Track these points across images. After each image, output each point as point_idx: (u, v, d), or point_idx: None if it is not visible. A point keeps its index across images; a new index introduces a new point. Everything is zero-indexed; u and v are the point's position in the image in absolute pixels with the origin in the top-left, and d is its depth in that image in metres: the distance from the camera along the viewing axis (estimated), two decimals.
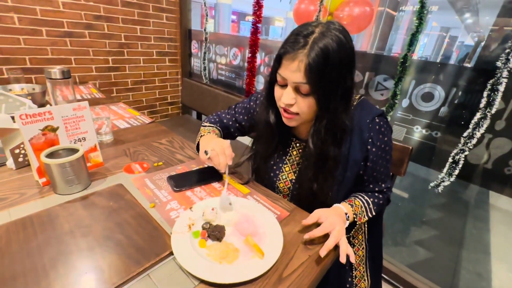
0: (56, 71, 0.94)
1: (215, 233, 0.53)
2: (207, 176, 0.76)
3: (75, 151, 0.63)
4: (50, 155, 0.62)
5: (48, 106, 0.66)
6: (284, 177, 0.76)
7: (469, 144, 1.02)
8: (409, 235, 1.72)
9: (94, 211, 0.58)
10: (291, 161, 0.75)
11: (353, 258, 0.52)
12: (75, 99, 1.04)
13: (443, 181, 1.10)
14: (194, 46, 2.35)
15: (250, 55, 1.78)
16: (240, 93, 1.88)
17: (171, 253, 0.49)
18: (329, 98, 0.57)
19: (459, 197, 2.23)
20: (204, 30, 2.15)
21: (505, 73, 0.90)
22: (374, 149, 0.65)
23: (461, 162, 1.06)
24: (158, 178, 0.73)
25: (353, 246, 0.74)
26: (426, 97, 1.16)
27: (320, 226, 0.56)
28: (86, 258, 0.47)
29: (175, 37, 2.23)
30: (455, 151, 1.07)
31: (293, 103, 0.59)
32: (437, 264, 1.51)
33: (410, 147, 0.89)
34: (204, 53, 2.23)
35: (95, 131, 0.75)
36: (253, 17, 1.69)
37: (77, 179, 0.63)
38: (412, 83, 1.19)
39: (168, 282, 0.44)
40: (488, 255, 1.61)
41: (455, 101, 1.10)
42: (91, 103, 1.33)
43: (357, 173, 0.68)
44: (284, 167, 0.76)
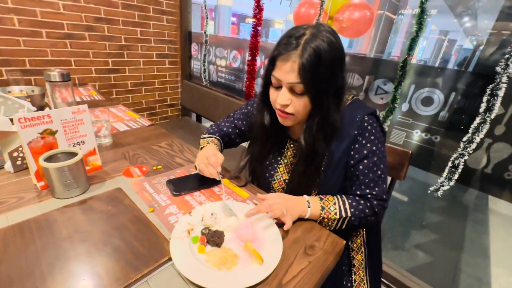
0: (55, 74, 0.93)
1: (214, 238, 0.53)
2: (206, 180, 0.75)
3: (73, 154, 0.63)
4: (49, 159, 0.61)
5: (47, 109, 0.66)
6: (278, 177, 0.77)
7: (468, 149, 1.02)
8: (408, 239, 1.72)
9: (93, 215, 0.58)
10: (285, 161, 0.76)
11: (287, 227, 0.57)
12: (74, 101, 1.03)
13: (443, 185, 1.10)
14: (194, 48, 2.35)
15: (250, 57, 1.78)
16: (240, 96, 1.88)
17: (169, 259, 0.49)
18: (322, 97, 0.58)
19: (459, 201, 2.23)
20: (204, 33, 2.16)
21: (504, 78, 0.90)
22: (358, 146, 0.64)
23: (461, 166, 1.06)
24: (157, 182, 0.73)
25: (351, 251, 0.74)
26: (426, 101, 1.16)
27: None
28: (84, 263, 0.46)
29: (175, 39, 2.24)
30: (454, 155, 1.07)
31: (288, 104, 0.60)
32: (437, 268, 1.50)
33: (410, 151, 0.89)
34: (204, 55, 2.23)
35: (94, 134, 0.74)
36: (253, 19, 1.69)
37: (75, 183, 0.62)
38: (411, 87, 1.20)
39: None
40: (487, 259, 1.61)
41: (454, 105, 1.10)
42: (90, 105, 1.33)
43: (342, 170, 0.67)
44: (279, 168, 0.77)
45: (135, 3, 1.90)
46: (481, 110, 0.97)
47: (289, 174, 0.75)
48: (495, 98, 0.92)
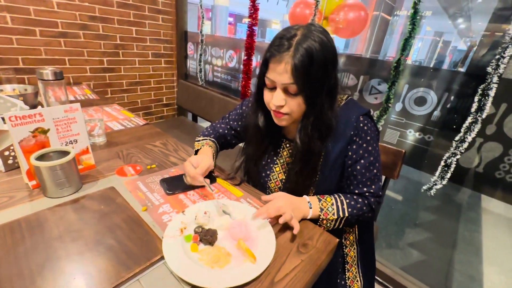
0: (48, 72, 0.93)
1: (207, 237, 0.53)
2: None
3: (66, 153, 0.62)
4: (40, 158, 0.61)
5: (39, 107, 0.65)
6: (274, 177, 0.77)
7: (460, 148, 1.04)
8: (402, 237, 1.74)
9: (85, 214, 0.57)
10: (281, 161, 0.76)
11: (296, 230, 0.57)
12: (67, 100, 1.02)
13: (436, 184, 1.11)
14: (190, 48, 2.34)
15: (246, 57, 1.78)
16: (236, 95, 1.88)
17: (162, 258, 0.48)
18: (316, 96, 0.59)
19: (452, 200, 2.26)
20: (200, 32, 2.15)
21: (495, 78, 0.91)
22: (355, 147, 0.65)
23: (453, 165, 1.07)
24: (151, 181, 0.72)
25: (345, 247, 0.74)
26: (419, 101, 1.18)
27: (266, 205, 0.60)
28: (75, 263, 0.46)
29: (171, 39, 2.23)
30: (447, 154, 1.08)
31: (283, 104, 0.61)
32: (430, 266, 1.52)
33: (403, 151, 0.90)
34: (200, 55, 2.23)
35: (87, 133, 0.74)
36: (249, 19, 1.69)
37: (67, 182, 0.62)
38: (405, 87, 1.21)
39: None
40: (480, 257, 1.63)
41: (447, 105, 1.11)
42: (84, 104, 1.32)
43: (339, 170, 0.68)
44: (275, 167, 0.77)
45: (130, 2, 1.89)
46: (472, 110, 0.98)
47: (285, 174, 0.75)
48: (486, 98, 0.94)
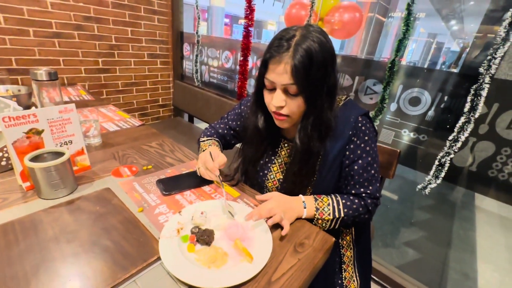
0: (42, 72, 0.92)
1: (204, 237, 0.53)
2: (197, 179, 0.75)
3: (60, 154, 0.62)
4: (35, 159, 0.60)
5: (33, 108, 0.64)
6: (272, 176, 0.77)
7: (454, 147, 1.05)
8: (398, 236, 1.75)
9: (80, 216, 0.57)
10: (279, 161, 0.76)
11: (285, 232, 0.57)
12: (62, 101, 1.01)
13: (430, 183, 1.13)
14: (186, 49, 2.34)
15: (242, 58, 1.78)
16: (232, 96, 1.88)
17: (158, 258, 0.48)
18: (316, 96, 0.59)
19: (446, 199, 2.29)
20: (196, 33, 2.15)
21: (487, 79, 0.93)
22: (353, 146, 0.65)
23: (447, 164, 1.09)
24: (147, 182, 0.72)
25: (341, 248, 0.75)
26: (413, 101, 1.19)
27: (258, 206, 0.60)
28: (71, 264, 0.45)
29: (167, 40, 2.22)
30: (441, 154, 1.10)
31: (283, 105, 0.61)
32: (426, 264, 1.53)
33: (398, 150, 0.91)
34: (196, 55, 2.22)
35: (82, 134, 0.73)
36: (245, 20, 1.70)
37: (62, 183, 0.61)
38: (400, 87, 1.22)
39: None
40: (474, 255, 1.65)
41: (441, 105, 1.13)
42: (79, 105, 1.31)
43: (337, 170, 0.68)
44: (273, 167, 0.77)
45: (125, 2, 1.88)
46: (465, 109, 1.00)
47: (283, 174, 0.75)
48: (479, 98, 0.95)
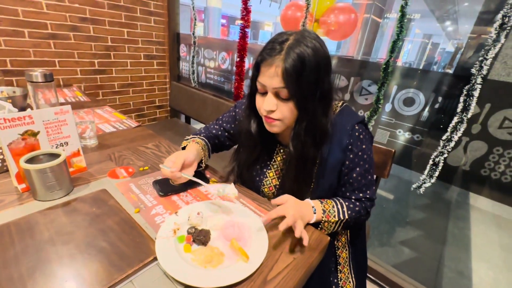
0: (37, 74, 0.91)
1: (200, 237, 0.53)
2: (193, 180, 0.75)
3: (56, 156, 0.62)
4: (30, 160, 0.60)
5: (28, 110, 0.64)
6: (268, 182, 0.76)
7: (448, 147, 1.07)
8: (394, 235, 1.77)
9: (76, 217, 0.57)
10: (275, 166, 0.76)
11: (306, 241, 0.53)
12: (57, 102, 1.01)
13: (425, 182, 1.14)
14: (183, 50, 2.34)
15: (238, 59, 1.79)
16: (229, 97, 1.88)
17: (155, 259, 0.49)
18: (308, 101, 0.58)
19: (441, 198, 2.31)
20: (193, 34, 2.15)
21: (479, 79, 0.95)
22: (351, 156, 0.65)
23: (441, 164, 1.10)
24: (143, 183, 0.72)
25: (337, 249, 0.75)
26: (408, 102, 1.21)
27: (277, 208, 0.57)
28: (67, 266, 0.45)
29: (163, 41, 2.22)
30: (435, 153, 1.11)
31: (274, 109, 0.60)
32: (421, 263, 1.55)
33: (393, 150, 0.92)
34: (193, 56, 2.23)
35: (78, 135, 0.73)
36: (241, 21, 1.71)
37: (58, 184, 0.61)
38: (394, 88, 1.24)
39: None
40: (469, 253, 1.67)
41: (435, 106, 1.14)
42: (75, 106, 1.31)
43: (335, 178, 0.68)
44: (268, 173, 0.76)
45: (121, 3, 1.87)
46: (458, 110, 1.02)
47: (279, 180, 0.75)
48: (471, 98, 0.97)
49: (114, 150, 0.90)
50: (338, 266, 0.75)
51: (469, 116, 0.99)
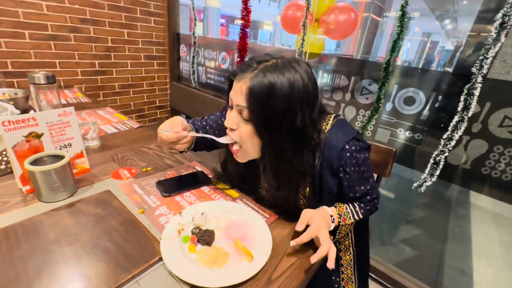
0: (40, 76, 0.92)
1: (205, 237, 0.53)
2: (196, 180, 0.76)
3: (60, 157, 0.62)
4: (34, 162, 0.60)
5: (32, 112, 0.65)
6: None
7: (448, 146, 1.07)
8: (395, 234, 1.77)
9: (81, 218, 0.57)
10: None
11: (332, 263, 0.50)
12: (60, 104, 1.01)
13: (426, 181, 1.15)
14: (183, 50, 2.34)
15: (238, 59, 1.79)
16: None
17: (160, 259, 0.49)
18: (270, 131, 0.54)
19: (442, 197, 2.32)
20: (193, 34, 2.15)
21: (479, 78, 0.95)
22: (347, 176, 0.62)
23: (442, 163, 1.11)
24: (146, 184, 0.73)
25: (340, 251, 0.75)
26: (408, 101, 1.21)
27: (306, 230, 0.54)
28: (73, 266, 0.46)
29: (163, 41, 2.22)
30: (436, 152, 1.12)
31: (235, 128, 0.57)
32: (422, 261, 1.56)
33: (394, 149, 0.92)
34: (193, 57, 2.23)
35: (81, 137, 0.74)
36: (241, 21, 1.71)
37: (62, 186, 0.62)
38: (395, 87, 1.24)
39: None
40: (469, 251, 1.68)
41: (435, 104, 1.15)
42: (76, 107, 1.30)
43: (334, 198, 0.66)
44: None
45: (121, 4, 1.87)
46: (459, 108, 1.02)
47: None
48: (472, 97, 0.97)
49: (117, 151, 0.90)
50: (341, 267, 0.75)
51: (469, 114, 1.00)
